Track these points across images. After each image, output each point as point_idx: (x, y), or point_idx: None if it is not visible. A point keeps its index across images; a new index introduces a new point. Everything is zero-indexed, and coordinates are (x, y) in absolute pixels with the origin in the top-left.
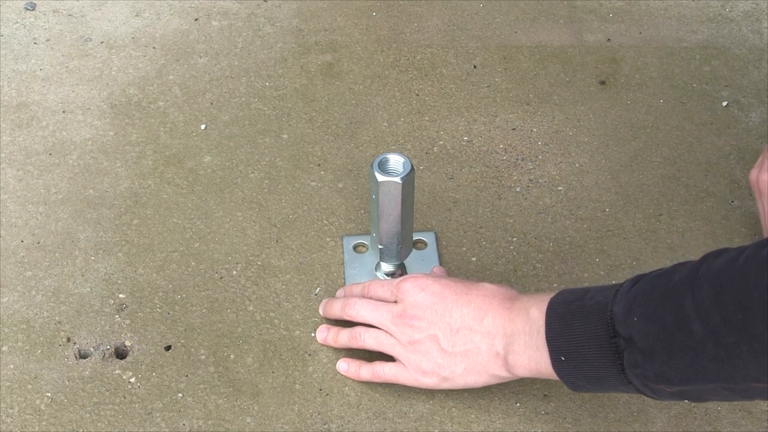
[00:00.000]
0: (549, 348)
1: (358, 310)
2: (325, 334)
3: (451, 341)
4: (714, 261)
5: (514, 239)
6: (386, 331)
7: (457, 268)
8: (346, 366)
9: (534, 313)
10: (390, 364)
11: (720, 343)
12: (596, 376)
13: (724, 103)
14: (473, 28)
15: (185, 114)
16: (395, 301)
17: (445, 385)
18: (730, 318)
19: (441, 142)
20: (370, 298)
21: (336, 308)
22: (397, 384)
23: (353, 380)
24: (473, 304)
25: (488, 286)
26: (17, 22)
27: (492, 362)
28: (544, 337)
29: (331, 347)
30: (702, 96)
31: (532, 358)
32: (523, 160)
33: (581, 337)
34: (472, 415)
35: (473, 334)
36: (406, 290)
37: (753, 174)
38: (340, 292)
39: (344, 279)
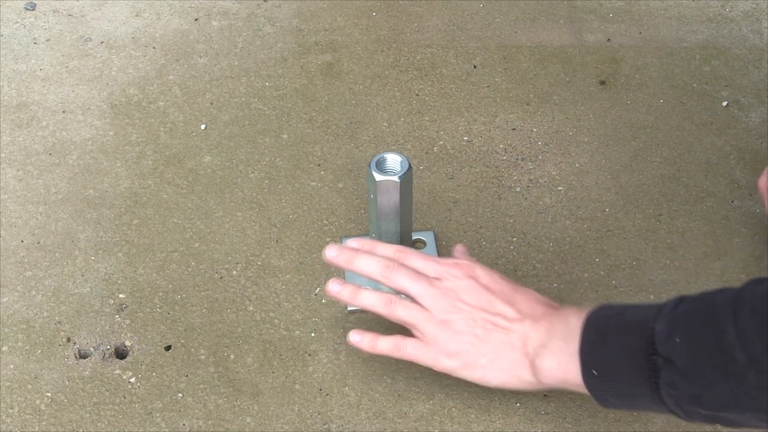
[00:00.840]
0: (581, 360)
1: (400, 276)
2: (339, 288)
3: (486, 330)
4: (756, 288)
5: (514, 239)
6: (421, 305)
7: None
8: (358, 338)
9: (573, 321)
10: (412, 340)
11: (762, 371)
12: (628, 392)
13: (724, 103)
14: (473, 28)
15: (185, 114)
16: (438, 279)
17: (462, 373)
18: None
19: (441, 142)
20: (407, 265)
21: (370, 264)
22: (411, 363)
23: (351, 377)
24: (517, 303)
25: (534, 293)
26: (17, 22)
27: (519, 362)
28: (578, 346)
29: (329, 344)
30: (702, 96)
31: (562, 364)
32: (523, 160)
33: (617, 352)
34: (472, 415)
35: (509, 331)
36: (455, 274)
37: (761, 181)
38: (354, 242)
39: (344, 279)
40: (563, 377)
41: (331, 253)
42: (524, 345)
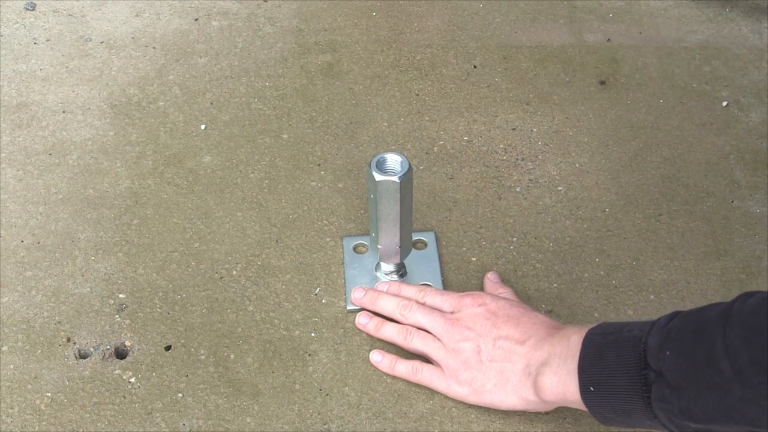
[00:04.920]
0: (579, 377)
1: (414, 313)
2: (366, 321)
3: (491, 355)
4: (747, 300)
5: (514, 239)
6: (435, 336)
7: (457, 268)
8: (380, 358)
9: (574, 339)
10: (428, 366)
11: (746, 383)
12: (623, 408)
13: (724, 103)
14: (473, 28)
15: (185, 114)
16: (452, 312)
17: (474, 399)
18: (757, 358)
19: (441, 142)
20: (425, 303)
21: (389, 305)
22: (426, 388)
23: (351, 377)
24: (521, 326)
25: (540, 316)
26: (17, 22)
27: (522, 382)
28: (577, 363)
29: (329, 344)
30: (702, 96)
31: (562, 381)
32: (523, 160)
33: (613, 368)
34: (472, 415)
35: (512, 353)
36: (465, 304)
37: None
38: (382, 285)
39: (344, 279)
40: (563, 394)
41: (358, 294)
42: (526, 365)
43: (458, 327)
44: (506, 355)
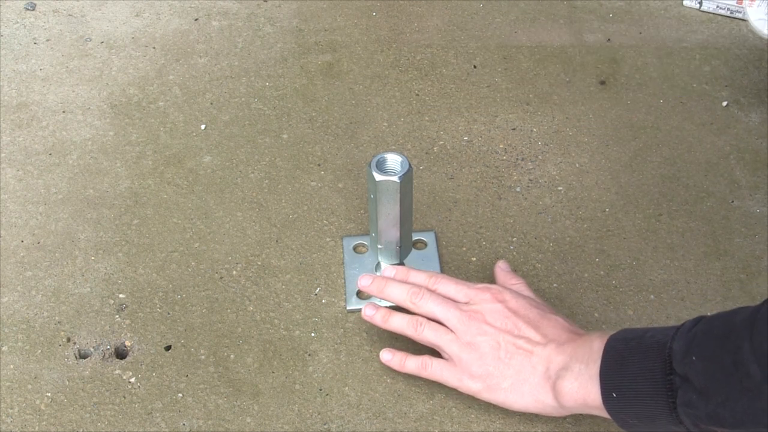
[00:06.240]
0: (601, 383)
1: (426, 302)
2: (373, 312)
3: (510, 353)
4: None
5: (514, 239)
6: (448, 328)
7: (457, 268)
8: (390, 356)
9: (596, 345)
10: (438, 360)
11: None
12: (647, 414)
13: (724, 103)
14: (473, 28)
15: (185, 114)
16: (466, 303)
17: (486, 396)
18: None
19: (441, 142)
20: (436, 291)
21: (398, 292)
22: (437, 383)
23: (351, 377)
24: (542, 329)
25: (560, 319)
26: (17, 22)
27: (540, 385)
28: (599, 368)
29: (329, 344)
30: (702, 96)
31: (583, 386)
32: (523, 160)
33: (636, 374)
34: (472, 415)
35: (533, 355)
36: (484, 298)
37: None
38: (389, 271)
39: (344, 279)
40: (583, 399)
41: (365, 281)
42: (546, 369)
43: (476, 321)
44: (526, 356)
